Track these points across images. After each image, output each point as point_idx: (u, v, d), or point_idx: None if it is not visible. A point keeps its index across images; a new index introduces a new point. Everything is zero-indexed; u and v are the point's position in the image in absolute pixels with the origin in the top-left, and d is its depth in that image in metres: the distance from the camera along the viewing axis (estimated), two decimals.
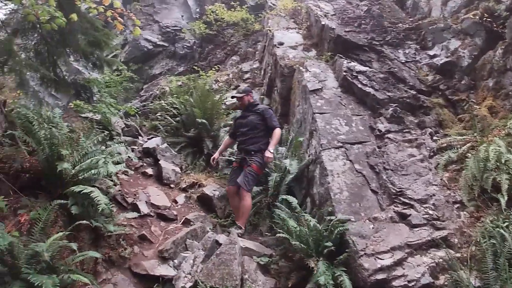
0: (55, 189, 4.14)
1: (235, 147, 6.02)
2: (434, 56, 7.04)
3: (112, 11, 4.03)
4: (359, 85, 6.37)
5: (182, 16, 15.06)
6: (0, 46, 5.56)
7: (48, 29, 4.37)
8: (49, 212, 3.64)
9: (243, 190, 5.16)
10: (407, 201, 4.94)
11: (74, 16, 4.41)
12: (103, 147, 4.94)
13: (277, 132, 5.44)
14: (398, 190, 5.06)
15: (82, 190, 3.73)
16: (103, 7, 4.05)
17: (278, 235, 4.68)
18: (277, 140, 5.45)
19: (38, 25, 5.66)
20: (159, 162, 6.41)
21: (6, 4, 6.41)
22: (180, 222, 5.15)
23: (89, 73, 10.90)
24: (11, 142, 4.50)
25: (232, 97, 6.01)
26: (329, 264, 4.24)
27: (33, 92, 6.44)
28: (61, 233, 3.48)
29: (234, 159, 5.75)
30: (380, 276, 4.10)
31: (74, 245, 3.37)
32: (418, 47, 7.44)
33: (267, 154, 5.25)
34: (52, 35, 5.99)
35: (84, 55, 6.57)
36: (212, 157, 5.80)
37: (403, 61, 7.11)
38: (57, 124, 4.47)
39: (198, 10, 15.33)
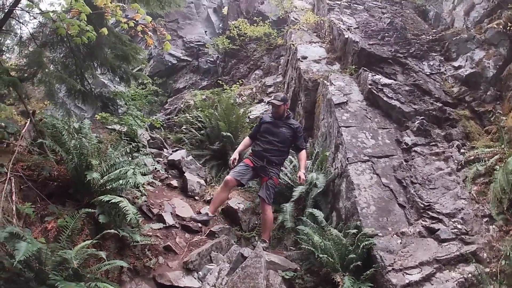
0: (83, 197, 4.19)
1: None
2: (459, 67, 6.93)
3: (143, 26, 4.11)
4: (385, 98, 6.31)
5: (206, 31, 15.38)
6: (30, 58, 5.78)
7: (77, 43, 4.49)
8: (77, 220, 3.67)
9: (265, 204, 5.10)
10: (435, 215, 4.84)
11: (104, 30, 4.53)
12: (131, 158, 5.00)
13: (305, 154, 5.47)
14: (426, 204, 4.96)
15: (111, 200, 3.76)
16: (134, 21, 4.13)
17: (303, 247, 4.63)
18: (306, 162, 5.49)
19: (66, 39, 5.85)
20: (184, 174, 6.45)
21: (35, 18, 6.67)
22: (205, 234, 5.13)
23: (114, 86, 11.19)
24: (39, 151, 4.60)
25: (269, 102, 5.82)
26: (355, 279, 4.17)
27: (61, 103, 6.63)
28: (88, 241, 3.50)
29: (249, 157, 5.41)
30: None
31: (102, 254, 3.38)
32: (442, 58, 7.35)
33: (302, 176, 5.16)
34: (80, 48, 6.19)
35: (112, 69, 6.75)
36: (232, 158, 5.43)
37: (428, 73, 7.02)
38: (86, 134, 4.55)
39: (221, 25, 15.64)
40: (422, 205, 4.94)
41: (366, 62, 7.20)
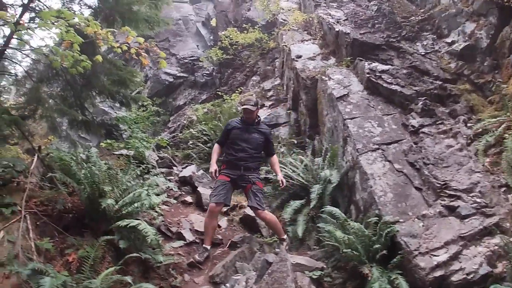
0: (99, 225, 4.20)
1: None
2: (452, 42, 6.86)
3: (136, 48, 4.12)
4: (384, 84, 6.30)
5: (197, 45, 15.45)
6: (29, 95, 5.82)
7: (73, 74, 4.51)
8: (97, 248, 3.69)
9: (260, 212, 4.81)
10: (453, 193, 4.78)
11: (98, 58, 4.55)
12: (142, 181, 5.00)
13: (276, 158, 5.33)
14: (442, 183, 4.91)
15: (129, 224, 3.76)
16: (126, 45, 4.15)
17: (327, 245, 4.59)
18: (278, 166, 5.30)
19: (61, 72, 5.89)
20: (197, 189, 6.45)
21: (27, 56, 6.74)
22: (227, 246, 5.11)
23: (115, 112, 11.26)
24: (50, 185, 4.62)
25: (244, 109, 5.07)
26: (383, 269, 4.15)
27: (65, 135, 6.67)
28: (111, 268, 3.50)
29: (223, 173, 4.95)
30: (438, 273, 4.00)
31: (128, 278, 3.39)
32: (434, 36, 7.30)
33: (283, 179, 5.05)
34: (77, 79, 6.22)
35: (111, 95, 6.76)
36: (212, 170, 4.89)
37: (423, 53, 6.98)
38: (95, 162, 4.57)
39: (211, 37, 15.70)
40: (438, 185, 4.89)
41: (361, 52, 7.18)
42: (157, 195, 4.58)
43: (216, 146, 5.21)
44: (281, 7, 11.84)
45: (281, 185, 5.02)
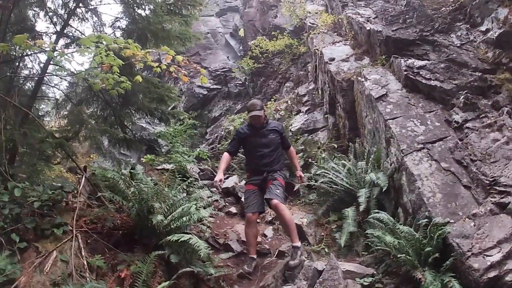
0: (149, 241, 4.31)
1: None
2: (487, 31, 6.55)
3: (175, 66, 4.20)
4: (423, 81, 6.13)
5: (228, 57, 15.68)
6: (71, 118, 6.09)
7: (113, 94, 4.66)
8: (149, 264, 3.78)
9: (280, 204, 4.56)
10: (502, 189, 4.55)
11: (138, 78, 4.68)
12: (187, 194, 5.10)
13: (294, 150, 5.30)
14: (491, 179, 4.69)
15: (180, 238, 3.84)
16: (165, 64, 4.24)
17: (376, 250, 4.50)
18: (297, 159, 5.21)
19: (100, 93, 6.12)
20: (241, 199, 6.47)
21: (64, 79, 7.06)
22: (274, 255, 5.09)
23: (153, 128, 11.56)
24: (98, 203, 4.79)
25: (252, 116, 4.87)
26: (436, 272, 4.03)
27: (110, 154, 6.91)
28: (165, 283, 3.58)
29: (250, 182, 4.94)
30: (492, 274, 3.84)
31: None
32: (468, 26, 7.00)
33: (302, 175, 5.05)
34: (115, 99, 6.44)
35: (150, 112, 6.96)
36: (218, 179, 4.56)
37: (458, 44, 6.71)
38: (142, 179, 4.70)
39: (241, 48, 15.88)
40: (487, 182, 4.68)
41: (395, 49, 7.02)
42: (204, 208, 4.65)
43: (225, 155, 5.00)
44: (307, 11, 11.82)
45: (299, 181, 5.05)
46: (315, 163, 7.01)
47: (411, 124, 5.62)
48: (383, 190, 5.39)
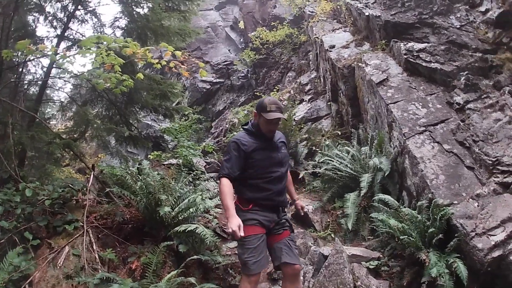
0: (158, 232, 4.41)
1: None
2: (486, 11, 6.50)
3: (175, 62, 4.25)
4: (423, 64, 6.13)
5: (229, 50, 15.69)
6: (76, 119, 6.19)
7: (116, 93, 4.74)
8: (158, 254, 3.89)
9: (299, 268, 3.27)
10: (505, 168, 4.59)
11: (140, 75, 4.75)
12: (193, 186, 5.18)
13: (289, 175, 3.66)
14: (494, 159, 4.72)
15: (187, 228, 3.93)
16: (165, 60, 4.29)
17: (381, 234, 4.55)
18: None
19: (104, 93, 6.20)
20: None
21: (68, 82, 7.16)
22: None
23: (159, 124, 11.67)
24: (107, 200, 4.91)
25: (272, 120, 3.24)
26: (440, 253, 4.08)
27: (116, 151, 7.02)
28: (174, 272, 3.68)
29: (256, 221, 3.16)
30: (496, 254, 3.89)
31: (192, 279, 3.56)
32: (467, 7, 6.93)
33: (303, 205, 3.67)
34: (119, 98, 6.53)
35: (154, 109, 7.03)
36: (235, 229, 2.84)
37: (458, 26, 6.67)
38: (148, 174, 4.80)
39: (241, 40, 15.88)
40: (490, 162, 4.71)
41: (394, 33, 7.01)
42: (210, 198, 4.74)
43: (226, 183, 3.12)
44: (306, 0, 11.78)
45: (300, 211, 3.65)
46: (319, 151, 7.06)
47: (412, 108, 5.64)
48: (386, 174, 5.44)
